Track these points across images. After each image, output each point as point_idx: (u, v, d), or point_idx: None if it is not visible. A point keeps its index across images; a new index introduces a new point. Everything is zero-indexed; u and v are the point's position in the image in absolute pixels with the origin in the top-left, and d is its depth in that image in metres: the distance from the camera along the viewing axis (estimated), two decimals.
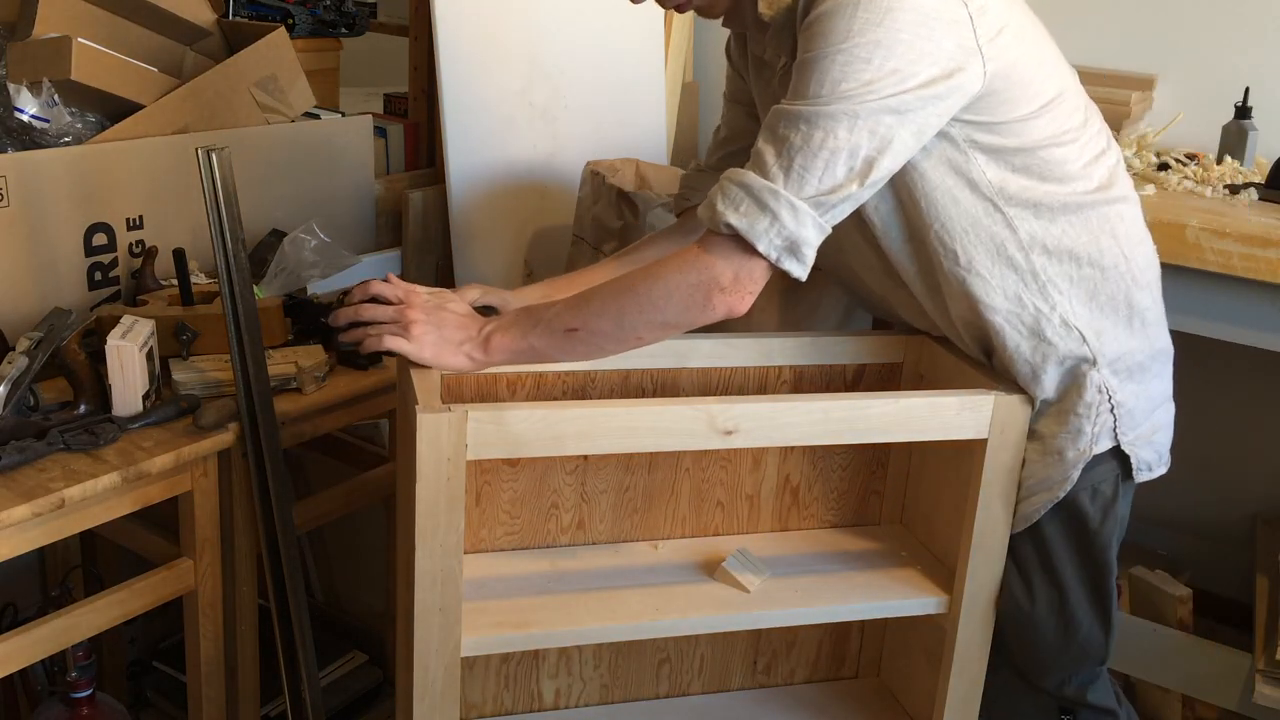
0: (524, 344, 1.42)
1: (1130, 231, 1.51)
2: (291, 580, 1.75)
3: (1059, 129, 1.43)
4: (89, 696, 1.79)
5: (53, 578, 2.14)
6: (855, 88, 1.29)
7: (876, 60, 1.29)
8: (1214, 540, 2.44)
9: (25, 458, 1.52)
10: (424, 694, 1.42)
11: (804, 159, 1.31)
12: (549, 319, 1.42)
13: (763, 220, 1.32)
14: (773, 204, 1.32)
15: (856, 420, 1.46)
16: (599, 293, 1.42)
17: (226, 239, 1.59)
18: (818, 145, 1.30)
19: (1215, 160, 2.25)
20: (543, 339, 1.41)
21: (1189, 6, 2.40)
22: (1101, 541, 1.53)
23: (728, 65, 1.71)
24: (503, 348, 1.43)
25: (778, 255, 1.33)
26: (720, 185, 1.36)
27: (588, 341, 1.41)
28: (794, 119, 1.32)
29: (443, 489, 1.34)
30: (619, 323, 1.39)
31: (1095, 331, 1.48)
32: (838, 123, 1.30)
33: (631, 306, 1.38)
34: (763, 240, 1.32)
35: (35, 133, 1.90)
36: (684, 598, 1.56)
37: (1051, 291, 1.46)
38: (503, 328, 1.44)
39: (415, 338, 1.42)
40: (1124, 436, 1.51)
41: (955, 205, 1.43)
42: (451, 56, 2.39)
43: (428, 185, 2.53)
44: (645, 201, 2.09)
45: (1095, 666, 1.61)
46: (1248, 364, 2.19)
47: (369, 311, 1.47)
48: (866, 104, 1.30)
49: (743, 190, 1.33)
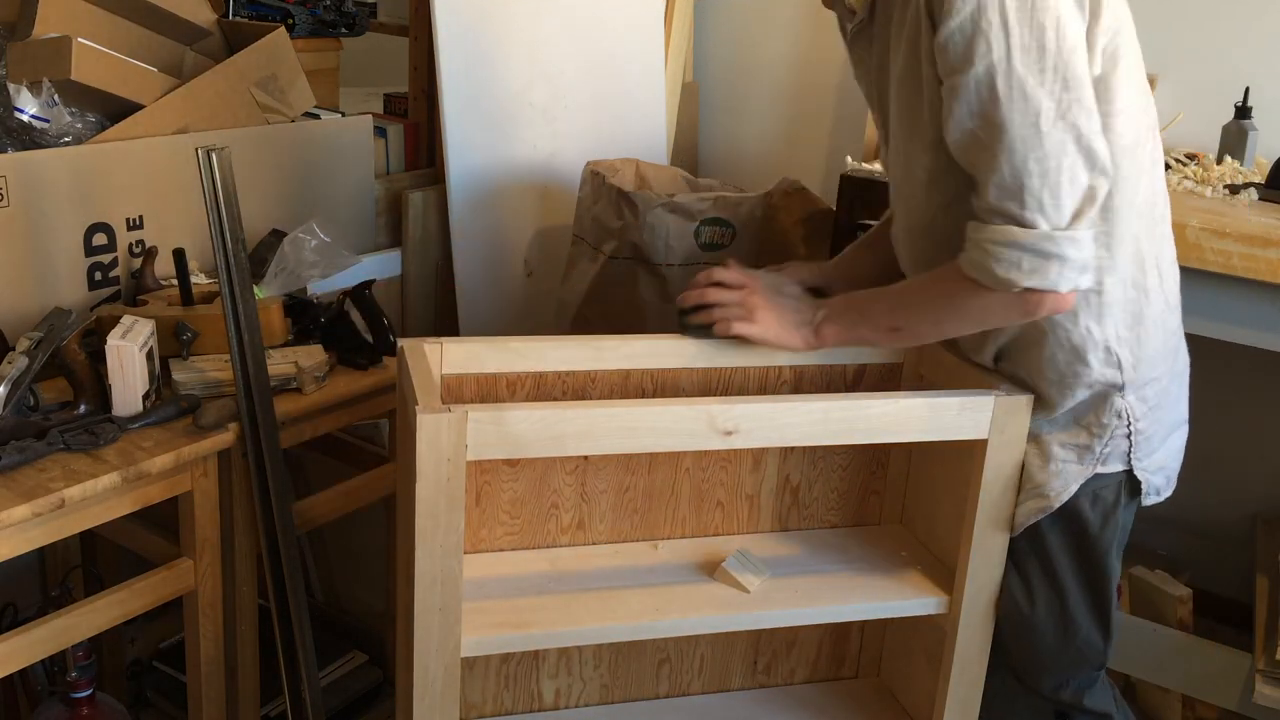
0: (851, 335, 1.57)
1: (1165, 251, 1.49)
2: (291, 580, 1.75)
3: (1136, 135, 1.41)
4: (89, 696, 1.79)
5: (53, 578, 2.14)
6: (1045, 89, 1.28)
7: (1051, 39, 1.27)
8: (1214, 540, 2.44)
9: (25, 458, 1.52)
10: (424, 694, 1.42)
11: (1051, 191, 1.30)
12: (874, 316, 1.54)
13: (1052, 269, 1.32)
14: (1055, 250, 1.32)
15: (857, 420, 1.46)
16: (917, 295, 1.50)
17: (226, 239, 1.59)
18: (1055, 171, 1.30)
19: (1215, 160, 2.25)
20: (871, 333, 1.56)
21: (1189, 6, 2.40)
22: (1101, 547, 1.53)
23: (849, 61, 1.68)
24: (833, 336, 1.56)
25: (1074, 286, 1.35)
26: (983, 250, 1.35)
27: (908, 339, 1.56)
28: (1017, 157, 1.30)
29: (443, 489, 1.34)
30: (938, 328, 1.51)
31: (1134, 359, 1.46)
32: (1052, 141, 1.29)
33: (952, 317, 1.46)
34: (1063, 284, 1.34)
35: (35, 133, 1.90)
36: (684, 598, 1.56)
37: (1105, 314, 1.44)
38: (832, 318, 1.56)
39: (760, 321, 1.55)
40: (1138, 462, 1.50)
41: None
42: (451, 56, 2.39)
43: (428, 185, 2.53)
44: (645, 201, 2.09)
45: (1093, 671, 1.60)
46: (1248, 364, 2.19)
47: (715, 295, 1.57)
48: (1061, 105, 1.28)
49: (1018, 250, 1.32)
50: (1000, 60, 1.28)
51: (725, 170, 2.98)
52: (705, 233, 2.10)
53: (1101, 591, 1.55)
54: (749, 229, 2.14)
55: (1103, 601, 1.55)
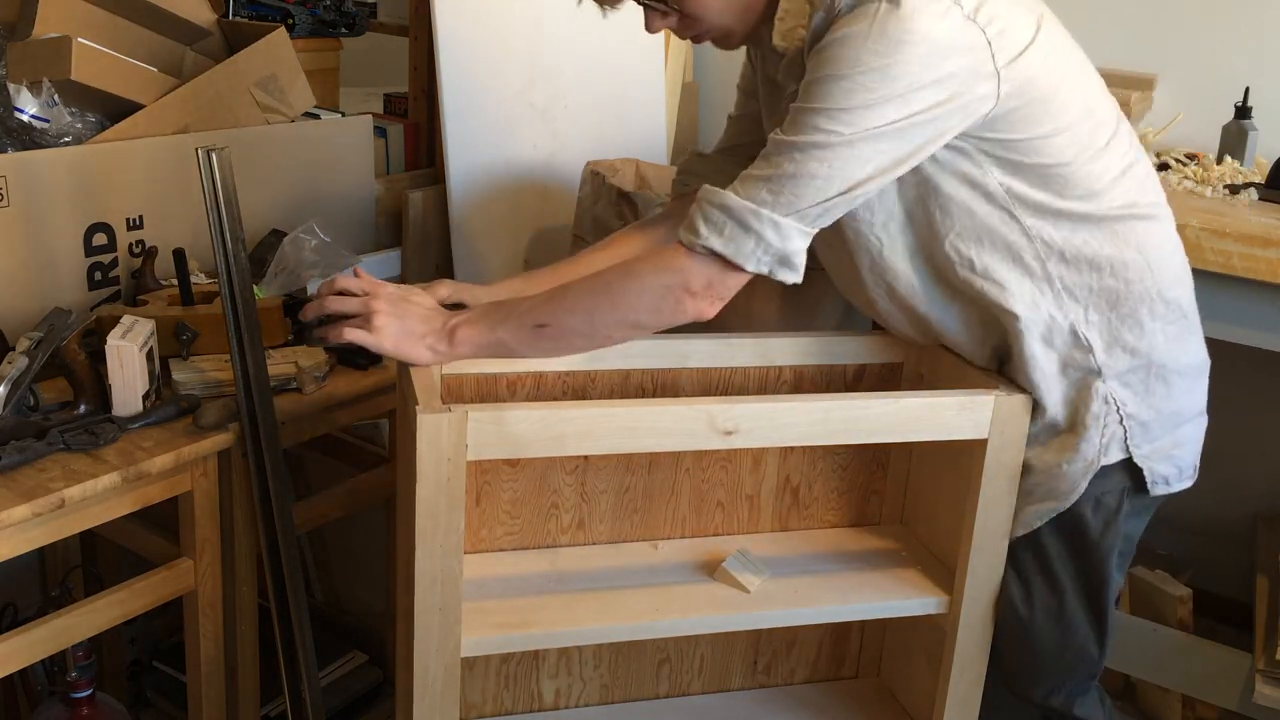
0: (491, 337, 1.41)
1: (1159, 245, 1.48)
2: (291, 580, 1.75)
3: (1081, 147, 1.41)
4: (89, 696, 1.79)
5: (53, 578, 2.14)
6: (855, 117, 1.29)
7: (881, 89, 1.29)
8: (1214, 540, 2.44)
9: (25, 458, 1.52)
10: (424, 694, 1.42)
11: (795, 186, 1.32)
12: (519, 313, 1.42)
13: (748, 242, 1.33)
14: (756, 225, 1.33)
15: (856, 420, 1.46)
16: (572, 289, 1.42)
17: (226, 239, 1.59)
18: (810, 174, 1.31)
19: (1215, 160, 2.25)
20: (511, 333, 1.41)
21: (1189, 6, 2.40)
22: (1101, 553, 1.52)
23: (745, 61, 1.70)
24: (468, 340, 1.41)
25: (769, 269, 1.35)
26: (699, 207, 1.36)
27: (557, 338, 1.41)
28: (789, 149, 1.32)
29: (443, 489, 1.34)
30: (590, 320, 1.40)
31: (1106, 343, 1.47)
32: (834, 153, 1.31)
33: (604, 304, 1.39)
34: (750, 261, 1.34)
35: (35, 133, 1.90)
36: (684, 598, 1.56)
37: (1066, 299, 1.45)
38: (470, 321, 1.43)
39: (377, 329, 1.41)
40: (1137, 449, 1.49)
41: (971, 216, 1.42)
42: (451, 56, 2.39)
43: (428, 185, 2.53)
44: (645, 201, 2.09)
45: (1086, 680, 1.60)
46: (1248, 364, 2.19)
47: (334, 304, 1.46)
48: (865, 132, 1.30)
49: (724, 213, 1.34)
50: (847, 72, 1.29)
51: None
52: None
53: (1099, 599, 1.55)
54: None
55: (1100, 609, 1.55)
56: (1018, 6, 1.37)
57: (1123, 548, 1.55)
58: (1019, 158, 1.40)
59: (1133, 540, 1.57)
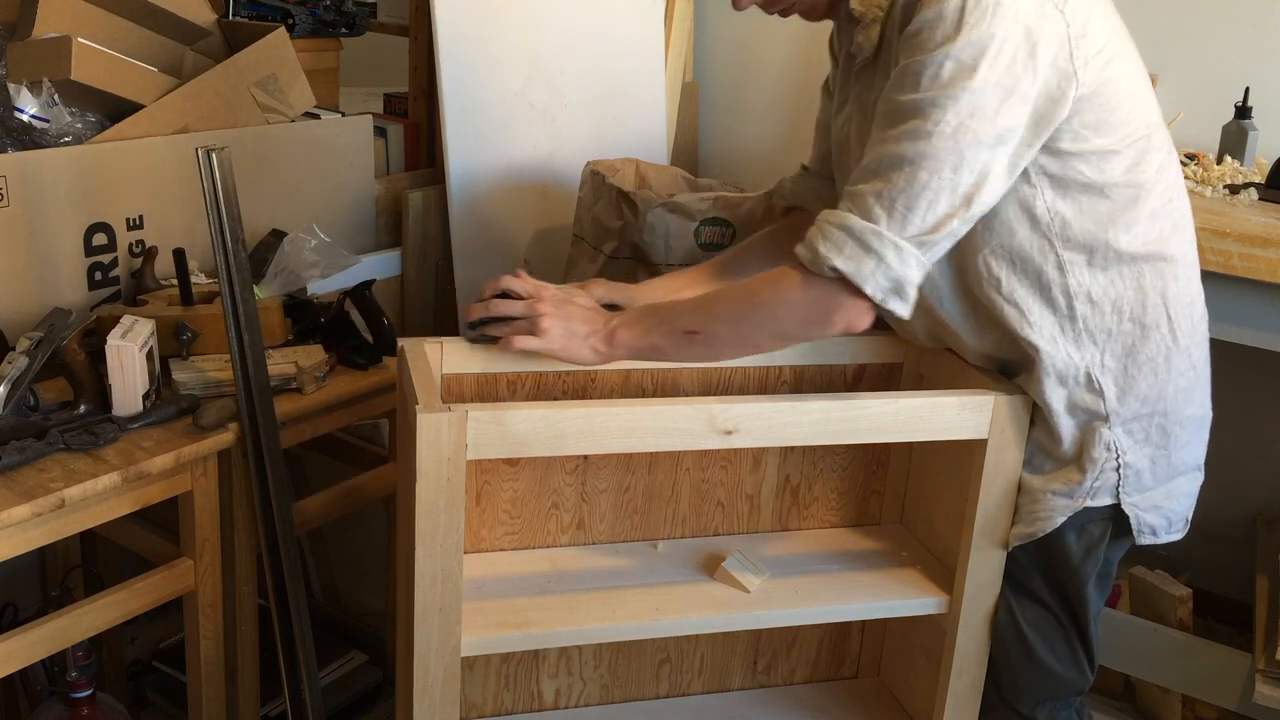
0: (646, 341, 1.45)
1: (1182, 291, 1.46)
2: (291, 580, 1.75)
3: (1138, 171, 1.39)
4: (89, 696, 1.79)
5: (53, 578, 2.14)
6: (957, 119, 1.27)
7: (981, 74, 1.27)
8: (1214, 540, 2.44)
9: (25, 458, 1.52)
10: (424, 694, 1.42)
11: (907, 200, 1.30)
12: (672, 319, 1.45)
13: (868, 263, 1.31)
14: (877, 246, 1.31)
15: (856, 420, 1.46)
16: (721, 298, 1.45)
17: (226, 239, 1.59)
18: (921, 186, 1.29)
19: (1215, 160, 2.25)
20: (665, 338, 1.44)
21: (1189, 6, 2.40)
22: (1080, 578, 1.51)
23: (829, 58, 1.69)
24: (626, 343, 1.45)
25: (883, 296, 1.33)
26: (819, 228, 1.35)
27: (707, 344, 1.44)
28: (898, 160, 1.30)
29: (443, 489, 1.34)
30: (738, 330, 1.41)
31: (1119, 390, 1.45)
32: (942, 163, 1.28)
33: (752, 317, 1.41)
34: (869, 283, 1.32)
35: (35, 133, 1.90)
36: (684, 598, 1.56)
37: (1086, 341, 1.44)
38: (627, 324, 1.46)
39: (544, 331, 1.45)
40: (1127, 497, 1.48)
41: (1011, 236, 1.41)
42: (451, 56, 2.39)
43: (428, 185, 2.53)
44: (645, 201, 2.09)
45: (1071, 697, 1.60)
46: (1248, 364, 2.19)
47: (500, 306, 1.49)
48: (968, 139, 1.28)
49: (845, 233, 1.32)
50: (940, 55, 1.28)
51: (725, 170, 2.98)
52: (705, 233, 2.10)
53: (1080, 619, 1.54)
54: (749, 229, 2.14)
55: (1082, 628, 1.55)
56: (1097, 8, 1.35)
57: (1102, 570, 1.54)
58: (1073, 175, 1.37)
59: (1112, 564, 1.56)
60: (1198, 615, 2.32)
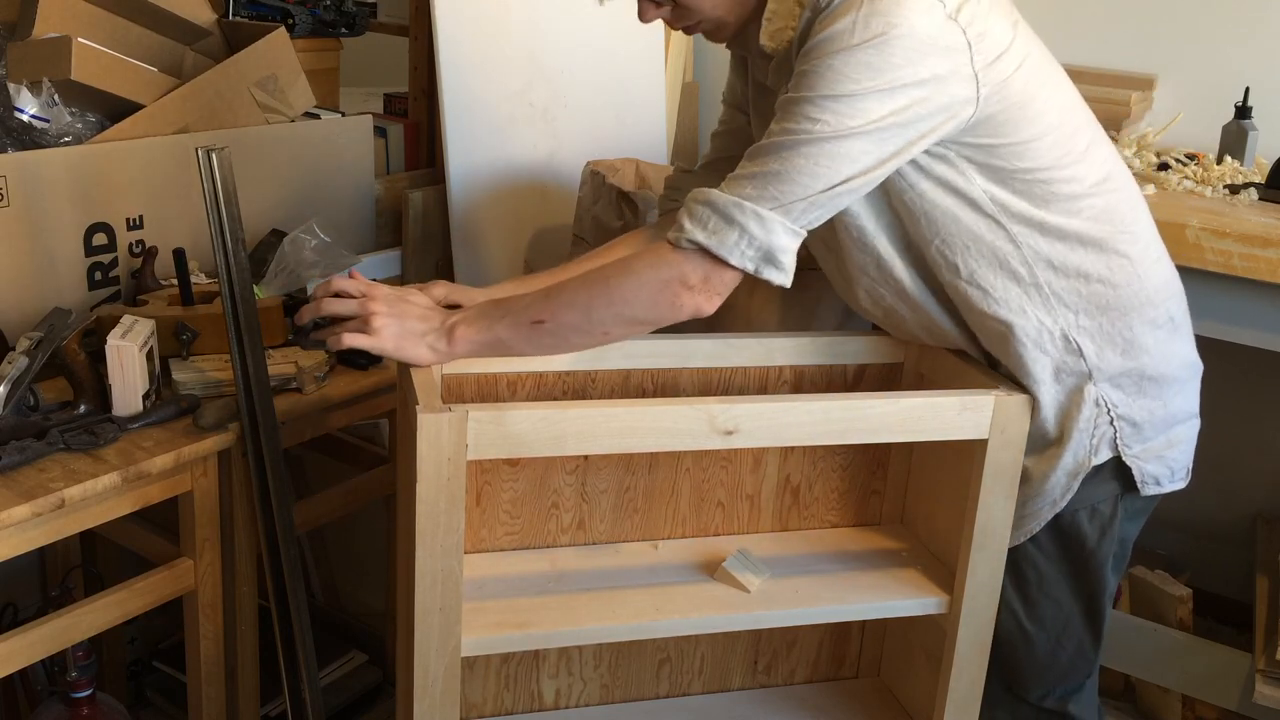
0: (489, 335, 1.41)
1: (1145, 251, 1.49)
2: (291, 580, 1.75)
3: (1062, 152, 1.41)
4: (89, 696, 1.79)
5: (53, 578, 2.14)
6: (841, 106, 1.29)
7: (865, 81, 1.29)
8: (1214, 540, 2.44)
9: (25, 458, 1.52)
10: (424, 694, 1.42)
11: (780, 184, 1.32)
12: (516, 310, 1.41)
13: (730, 234, 1.33)
14: (740, 217, 1.32)
15: (857, 420, 1.46)
16: (568, 285, 1.42)
17: (226, 239, 1.59)
18: (795, 171, 1.31)
19: (1215, 160, 2.25)
20: (509, 330, 1.40)
21: (1189, 6, 2.40)
22: (1097, 560, 1.53)
23: (730, 70, 1.71)
24: (467, 339, 1.41)
25: (755, 266, 1.34)
26: (686, 207, 1.37)
27: (554, 334, 1.40)
28: (776, 149, 1.32)
29: (443, 489, 1.34)
30: (587, 315, 1.39)
31: (1097, 347, 1.47)
32: (818, 148, 1.30)
33: (601, 300, 1.38)
34: (734, 254, 1.33)
35: (35, 133, 1.90)
36: (684, 598, 1.56)
37: (1056, 305, 1.45)
38: (468, 320, 1.42)
39: (376, 330, 1.39)
40: (1127, 449, 1.49)
41: (956, 223, 1.42)
42: (451, 56, 2.39)
43: (428, 185, 2.53)
44: (645, 201, 2.09)
45: (1082, 679, 1.61)
46: (1248, 364, 2.19)
47: (331, 306, 1.44)
48: (849, 129, 1.30)
49: (708, 208, 1.34)
50: (832, 60, 1.29)
51: None
52: None
53: (1096, 604, 1.55)
54: None
55: (1097, 613, 1.56)
56: (995, 11, 1.37)
57: (1118, 552, 1.55)
58: (1001, 164, 1.39)
59: (1128, 544, 1.57)
60: (1198, 615, 2.32)
